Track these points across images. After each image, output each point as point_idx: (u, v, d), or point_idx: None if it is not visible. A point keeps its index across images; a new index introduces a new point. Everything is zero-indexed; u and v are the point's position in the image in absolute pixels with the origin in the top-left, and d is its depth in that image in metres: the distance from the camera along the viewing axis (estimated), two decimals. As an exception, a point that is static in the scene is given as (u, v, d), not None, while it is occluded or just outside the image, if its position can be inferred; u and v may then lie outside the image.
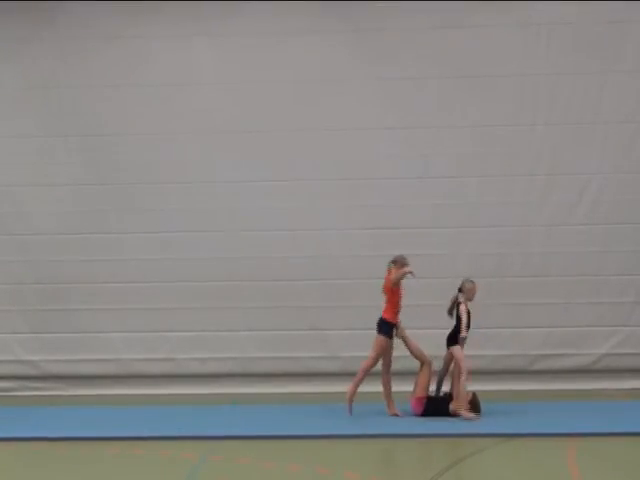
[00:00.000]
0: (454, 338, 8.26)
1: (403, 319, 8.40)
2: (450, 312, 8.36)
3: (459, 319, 8.24)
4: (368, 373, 8.35)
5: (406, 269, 8.08)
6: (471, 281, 8.38)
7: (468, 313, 8.26)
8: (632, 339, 9.81)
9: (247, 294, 9.97)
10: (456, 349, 8.22)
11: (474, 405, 8.19)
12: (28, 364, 10.16)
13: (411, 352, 8.39)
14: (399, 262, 8.29)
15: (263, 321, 9.93)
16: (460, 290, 8.36)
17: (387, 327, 8.26)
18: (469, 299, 8.32)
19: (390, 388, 8.36)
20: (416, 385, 8.36)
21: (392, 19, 9.93)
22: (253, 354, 10.00)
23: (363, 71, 10.00)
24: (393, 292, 8.27)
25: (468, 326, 8.23)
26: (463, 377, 8.11)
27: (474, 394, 8.24)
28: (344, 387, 8.72)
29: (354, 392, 8.29)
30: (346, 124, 9.94)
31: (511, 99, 9.90)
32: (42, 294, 10.13)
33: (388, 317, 8.26)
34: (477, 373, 8.87)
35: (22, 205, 10.16)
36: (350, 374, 8.89)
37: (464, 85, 9.89)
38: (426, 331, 8.84)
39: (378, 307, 9.69)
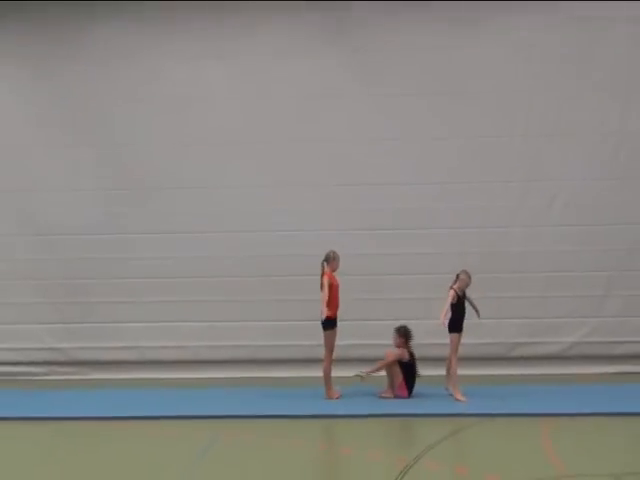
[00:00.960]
0: (451, 324, 8.22)
1: (399, 310, 8.46)
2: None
3: (453, 304, 8.22)
4: (331, 371, 8.38)
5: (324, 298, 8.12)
6: (466, 272, 8.32)
7: (459, 299, 8.23)
8: (600, 329, 9.87)
9: (253, 288, 10.01)
10: (451, 336, 8.23)
11: (407, 334, 8.37)
12: (57, 351, 10.23)
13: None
14: (330, 259, 8.28)
15: (268, 313, 9.96)
16: (457, 277, 8.34)
17: (332, 323, 8.26)
18: (460, 287, 8.29)
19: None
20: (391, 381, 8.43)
21: (387, 41, 9.99)
22: (258, 342, 10.04)
23: (360, 88, 10.06)
24: (331, 291, 8.25)
25: (460, 312, 8.20)
26: (454, 362, 8.16)
27: (406, 327, 8.40)
28: (341, 372, 8.80)
29: (331, 393, 8.33)
30: (345, 136, 10.01)
31: (492, 113, 9.96)
32: (69, 289, 10.18)
33: (330, 314, 8.22)
34: (461, 359, 8.93)
35: (52, 208, 10.21)
36: (346, 360, 8.96)
37: (451, 100, 9.95)
38: (418, 321, 8.92)
39: (371, 300, 9.85)
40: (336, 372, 8.57)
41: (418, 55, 9.98)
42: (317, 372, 9.44)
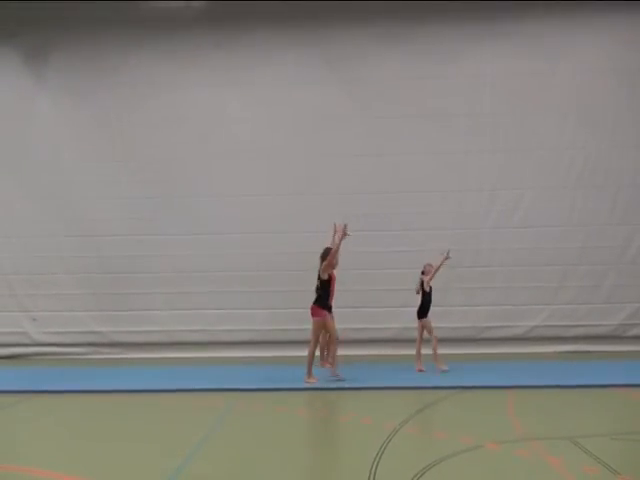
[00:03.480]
0: (425, 311, 8.18)
1: (386, 299, 8.40)
2: (417, 291, 8.26)
3: (424, 293, 8.14)
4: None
5: None
6: (429, 264, 8.27)
7: (430, 288, 8.19)
8: (556, 314, 9.85)
9: (264, 281, 9.97)
10: (424, 321, 8.19)
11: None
12: (98, 334, 10.19)
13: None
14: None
15: (277, 302, 9.91)
16: (422, 273, 8.27)
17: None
18: (430, 275, 8.20)
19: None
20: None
21: (378, 72, 9.98)
22: (268, 326, 9.98)
23: (355, 111, 10.03)
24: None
25: (429, 300, 8.14)
26: (435, 341, 8.13)
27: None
28: (339, 351, 8.74)
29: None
30: (339, 151, 9.98)
31: (464, 133, 9.94)
32: (109, 281, 10.16)
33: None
34: (439, 340, 8.85)
35: (95, 214, 10.17)
36: (343, 342, 8.90)
37: (429, 122, 9.94)
38: (404, 309, 8.88)
39: (365, 291, 9.78)
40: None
41: (403, 84, 9.97)
42: (318, 352, 9.40)
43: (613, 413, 6.26)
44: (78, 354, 10.12)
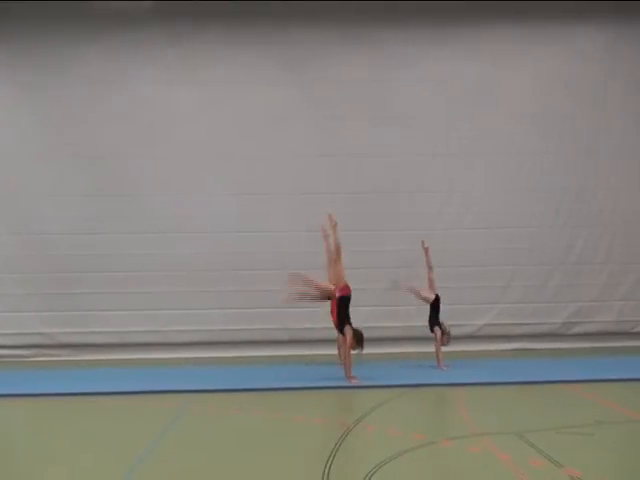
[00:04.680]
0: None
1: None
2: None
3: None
4: None
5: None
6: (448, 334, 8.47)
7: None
8: (504, 313, 10.14)
9: (219, 281, 9.86)
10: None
11: (359, 340, 7.54)
12: (46, 336, 9.87)
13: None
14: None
15: (232, 301, 9.82)
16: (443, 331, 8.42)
17: None
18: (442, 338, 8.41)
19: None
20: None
21: (337, 74, 10.06)
22: (224, 327, 9.86)
23: (309, 112, 10.06)
24: None
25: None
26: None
27: (359, 331, 7.59)
28: (291, 352, 8.84)
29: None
30: (295, 152, 9.98)
31: (418, 136, 10.11)
32: (58, 281, 9.84)
33: None
34: (391, 339, 9.05)
35: (42, 212, 9.86)
36: (296, 341, 8.94)
37: (383, 123, 10.06)
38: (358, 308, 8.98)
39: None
40: (288, 351, 8.56)
41: (361, 86, 10.07)
42: (271, 352, 9.44)
43: (557, 408, 6.48)
44: (22, 356, 9.77)
